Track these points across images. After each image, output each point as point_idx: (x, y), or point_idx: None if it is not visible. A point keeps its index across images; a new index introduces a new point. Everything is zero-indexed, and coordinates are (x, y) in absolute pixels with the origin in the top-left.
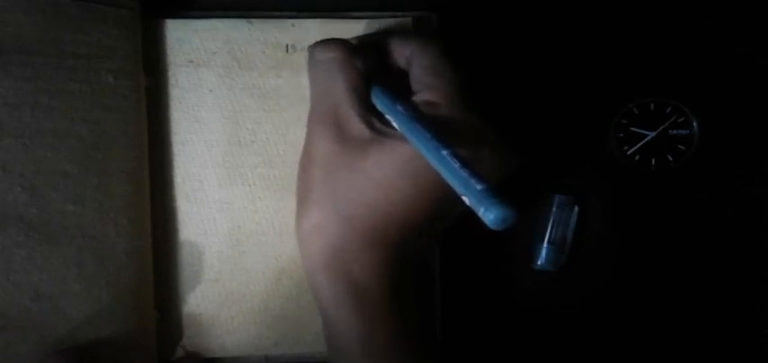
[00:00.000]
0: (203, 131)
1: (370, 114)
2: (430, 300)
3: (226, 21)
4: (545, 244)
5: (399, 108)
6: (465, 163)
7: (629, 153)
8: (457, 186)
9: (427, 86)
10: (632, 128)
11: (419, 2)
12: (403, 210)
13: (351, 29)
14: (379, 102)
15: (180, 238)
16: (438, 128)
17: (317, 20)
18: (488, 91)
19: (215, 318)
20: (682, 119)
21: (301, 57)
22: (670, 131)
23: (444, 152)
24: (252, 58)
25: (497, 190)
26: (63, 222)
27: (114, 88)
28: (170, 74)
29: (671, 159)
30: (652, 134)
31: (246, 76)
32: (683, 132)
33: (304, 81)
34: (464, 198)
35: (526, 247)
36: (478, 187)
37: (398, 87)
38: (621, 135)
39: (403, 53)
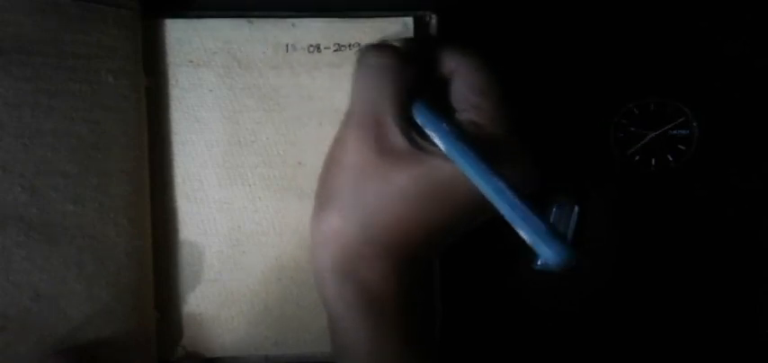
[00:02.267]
0: (203, 131)
1: (410, 127)
2: (432, 303)
3: (226, 21)
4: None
5: (446, 127)
6: (523, 198)
7: (629, 153)
8: (513, 220)
9: (473, 106)
10: (632, 128)
11: (419, 2)
12: (427, 227)
13: (351, 29)
14: (423, 118)
15: (180, 238)
16: (484, 152)
17: (317, 20)
18: (523, 110)
19: (215, 318)
20: (682, 119)
21: (301, 57)
22: (670, 131)
23: (500, 183)
24: (252, 58)
25: (557, 231)
26: (63, 222)
27: (114, 88)
28: (170, 74)
29: (671, 159)
30: (652, 134)
31: (246, 76)
32: (683, 132)
33: (304, 81)
34: (520, 232)
35: (526, 247)
36: (542, 226)
37: (438, 100)
38: (621, 135)
39: (447, 66)
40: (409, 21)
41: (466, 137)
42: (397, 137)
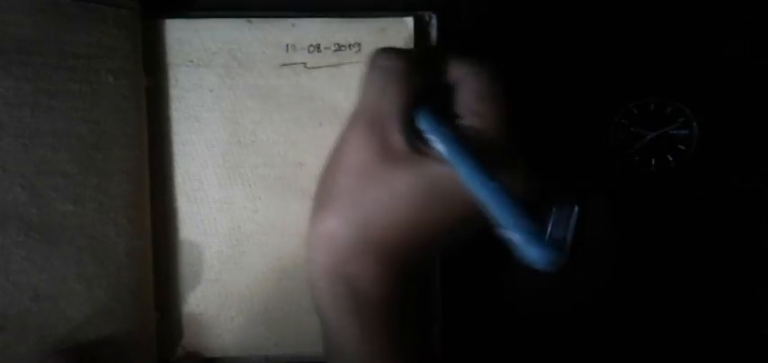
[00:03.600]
0: (203, 131)
1: (413, 132)
2: (428, 310)
3: (226, 21)
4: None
5: (445, 131)
6: (516, 201)
7: (629, 153)
8: (504, 221)
9: (476, 113)
10: (632, 128)
11: (419, 2)
12: (424, 231)
13: (351, 29)
14: (425, 123)
15: (180, 238)
16: (483, 157)
17: (317, 20)
18: (526, 119)
19: (215, 318)
20: (682, 119)
21: (301, 57)
22: (670, 131)
23: (494, 184)
24: (252, 58)
25: (543, 233)
26: (63, 222)
27: (114, 88)
28: (170, 74)
29: (671, 159)
30: (652, 134)
31: (246, 76)
32: (683, 132)
33: (304, 81)
34: (509, 234)
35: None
36: (531, 228)
37: (443, 107)
38: (621, 135)
39: (454, 74)
40: (409, 20)
41: (465, 141)
42: (399, 141)
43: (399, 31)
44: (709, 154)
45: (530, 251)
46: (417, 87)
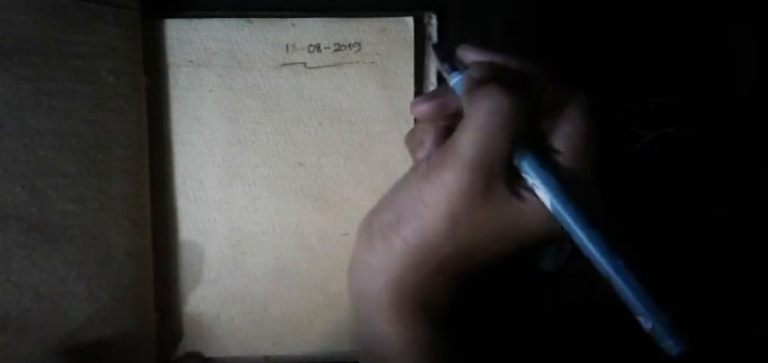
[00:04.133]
0: (203, 131)
1: (512, 173)
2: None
3: (226, 21)
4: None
5: (557, 184)
6: (646, 285)
7: (629, 153)
8: (633, 303)
9: (574, 149)
10: (632, 128)
11: (419, 2)
12: (495, 255)
13: (351, 29)
14: (530, 167)
15: (180, 238)
16: (588, 207)
17: (317, 19)
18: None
19: (215, 318)
20: (682, 119)
21: (301, 57)
22: (670, 131)
23: (620, 262)
24: (252, 58)
25: (679, 318)
26: (64, 222)
27: (115, 88)
28: (170, 74)
29: (671, 159)
30: (652, 134)
31: (246, 76)
32: (683, 132)
33: (303, 81)
34: (640, 318)
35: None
36: (665, 316)
37: (541, 142)
38: (621, 135)
39: (552, 101)
40: (409, 20)
41: (575, 195)
42: (502, 184)
43: (399, 31)
44: (708, 154)
45: (672, 345)
46: (523, 129)
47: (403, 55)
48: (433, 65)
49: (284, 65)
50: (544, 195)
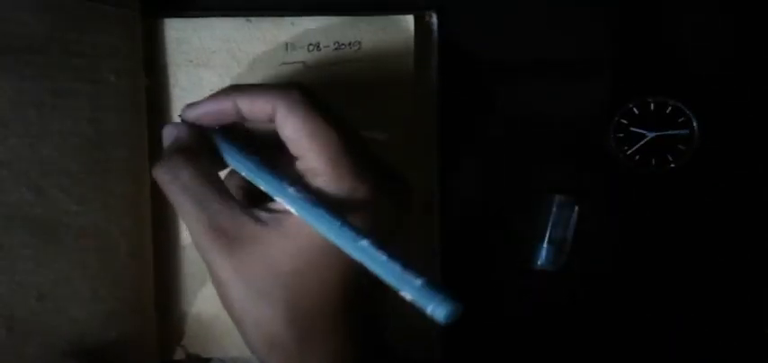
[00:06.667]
0: None
1: (250, 203)
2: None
3: (225, 20)
4: (545, 244)
5: (292, 191)
6: (393, 256)
7: (629, 153)
8: (389, 280)
9: (307, 150)
10: (632, 128)
11: (419, 2)
12: (326, 296)
13: (351, 28)
14: (266, 185)
15: (180, 238)
16: (335, 205)
17: (317, 19)
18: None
19: (215, 318)
20: (682, 119)
21: (301, 57)
22: (670, 131)
23: (364, 242)
24: (251, 58)
25: (436, 283)
26: (68, 222)
27: (116, 87)
28: (170, 74)
29: (671, 159)
30: (652, 134)
31: (246, 76)
32: (683, 132)
33: (304, 80)
34: (401, 293)
35: (526, 247)
36: (417, 282)
37: (272, 151)
38: (621, 135)
39: (265, 110)
40: (409, 19)
41: (321, 199)
42: (247, 226)
43: (400, 30)
44: (709, 154)
45: (434, 310)
46: (216, 165)
47: (403, 54)
48: (435, 63)
49: (284, 64)
50: (292, 207)
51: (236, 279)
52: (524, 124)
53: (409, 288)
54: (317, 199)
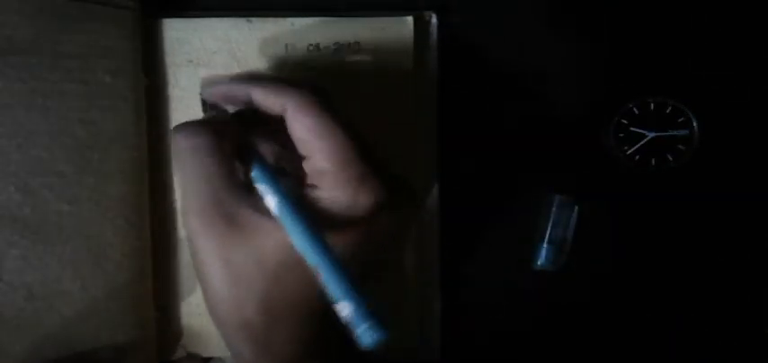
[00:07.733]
0: None
1: (254, 194)
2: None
3: (225, 20)
4: (545, 244)
5: (275, 187)
6: (347, 274)
7: (629, 153)
8: (334, 292)
9: (316, 151)
10: (632, 128)
11: (419, 2)
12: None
13: (351, 28)
14: (260, 182)
15: (179, 238)
16: (317, 215)
17: (317, 19)
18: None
19: None
20: (682, 119)
21: (301, 56)
22: (670, 131)
23: (328, 253)
24: (251, 58)
25: (371, 310)
26: (58, 222)
27: (111, 88)
28: (170, 74)
29: (671, 159)
30: (652, 134)
31: None
32: (683, 132)
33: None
34: (338, 306)
35: (526, 247)
36: (354, 304)
37: (281, 147)
38: (621, 135)
39: (276, 105)
40: (409, 20)
41: (299, 201)
42: (246, 213)
43: (399, 31)
44: (709, 154)
45: (363, 332)
46: (235, 147)
47: (403, 54)
48: (435, 63)
49: (284, 64)
50: (274, 207)
51: (218, 258)
52: (524, 124)
53: (347, 306)
54: (294, 199)
